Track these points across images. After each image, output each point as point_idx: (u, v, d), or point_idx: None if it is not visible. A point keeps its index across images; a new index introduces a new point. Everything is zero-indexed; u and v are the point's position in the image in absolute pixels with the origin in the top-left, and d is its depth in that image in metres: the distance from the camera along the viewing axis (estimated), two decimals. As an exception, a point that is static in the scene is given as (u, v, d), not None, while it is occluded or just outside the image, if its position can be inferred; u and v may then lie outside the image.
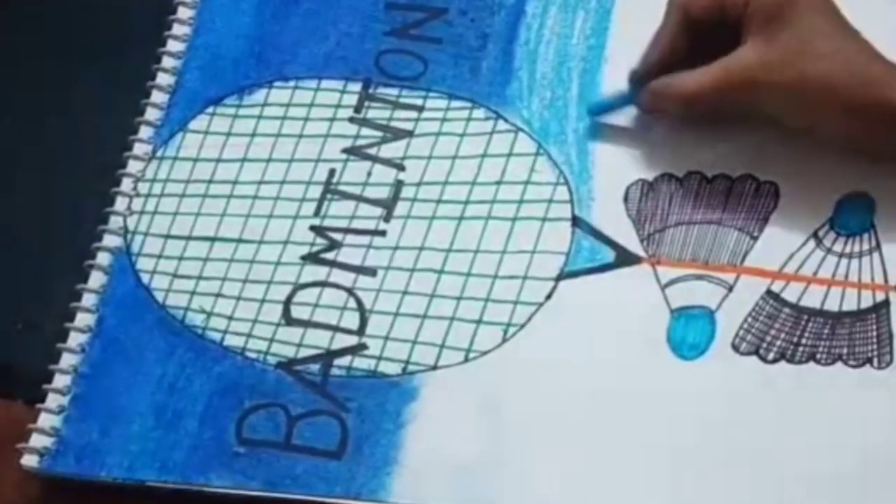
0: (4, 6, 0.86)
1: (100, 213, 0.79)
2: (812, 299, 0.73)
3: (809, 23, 0.72)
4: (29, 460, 0.72)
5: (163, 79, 0.81)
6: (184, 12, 0.83)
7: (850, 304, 0.73)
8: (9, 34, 0.86)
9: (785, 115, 0.74)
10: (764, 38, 0.73)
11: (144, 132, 0.80)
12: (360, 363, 0.74)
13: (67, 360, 0.75)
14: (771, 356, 0.72)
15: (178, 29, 0.83)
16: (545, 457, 0.71)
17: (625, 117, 0.79)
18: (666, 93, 0.76)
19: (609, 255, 0.76)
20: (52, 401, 0.73)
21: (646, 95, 0.77)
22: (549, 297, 0.75)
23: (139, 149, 0.80)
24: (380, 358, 0.74)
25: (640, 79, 0.77)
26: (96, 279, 0.76)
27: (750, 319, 0.73)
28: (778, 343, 0.72)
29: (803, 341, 0.73)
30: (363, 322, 0.75)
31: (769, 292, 0.74)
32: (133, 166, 0.80)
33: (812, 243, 0.75)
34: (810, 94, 0.72)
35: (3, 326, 0.78)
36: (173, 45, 0.82)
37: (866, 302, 0.73)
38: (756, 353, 0.73)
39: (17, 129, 0.83)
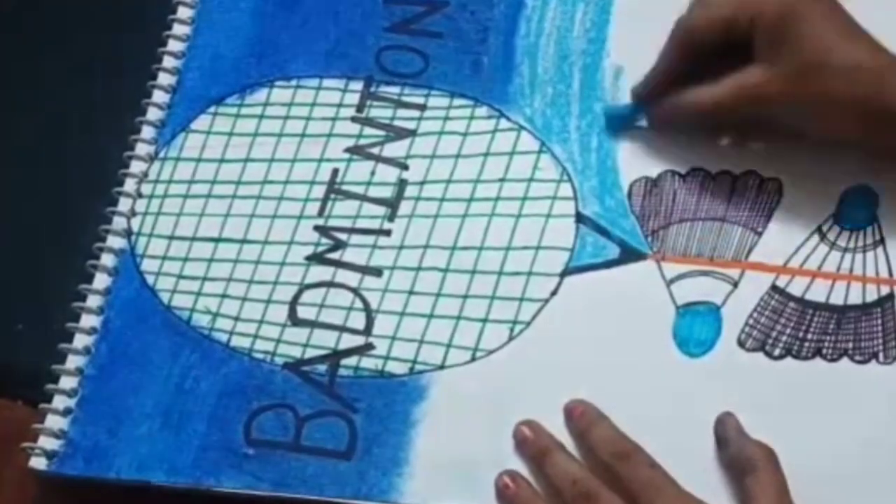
0: (4, 6, 0.86)
1: (101, 213, 0.78)
2: (817, 293, 0.74)
3: (817, 34, 0.72)
4: (37, 462, 0.72)
5: (164, 79, 0.81)
6: (184, 12, 0.83)
7: (855, 298, 0.73)
8: (8, 34, 0.85)
9: (798, 127, 0.74)
10: (773, 54, 0.72)
11: (147, 132, 0.80)
12: (368, 363, 0.74)
13: (73, 362, 0.74)
14: (777, 352, 0.73)
15: (178, 29, 0.83)
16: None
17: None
18: (679, 107, 0.76)
19: (614, 251, 0.76)
20: (59, 403, 0.73)
21: (658, 109, 0.77)
22: (554, 293, 0.75)
23: (142, 149, 0.80)
24: (387, 358, 0.74)
25: (644, 95, 0.77)
26: (101, 281, 0.76)
27: (755, 314, 0.74)
28: (784, 339, 0.73)
29: (809, 336, 0.73)
30: (370, 322, 0.75)
31: (774, 287, 0.74)
32: (136, 167, 0.79)
33: (816, 238, 0.75)
34: (824, 107, 0.72)
35: (4, 327, 0.78)
36: (174, 45, 0.82)
37: (871, 296, 0.73)
38: (762, 349, 0.73)
39: (17, 129, 0.83)
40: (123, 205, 0.78)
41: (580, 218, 0.77)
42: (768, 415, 0.71)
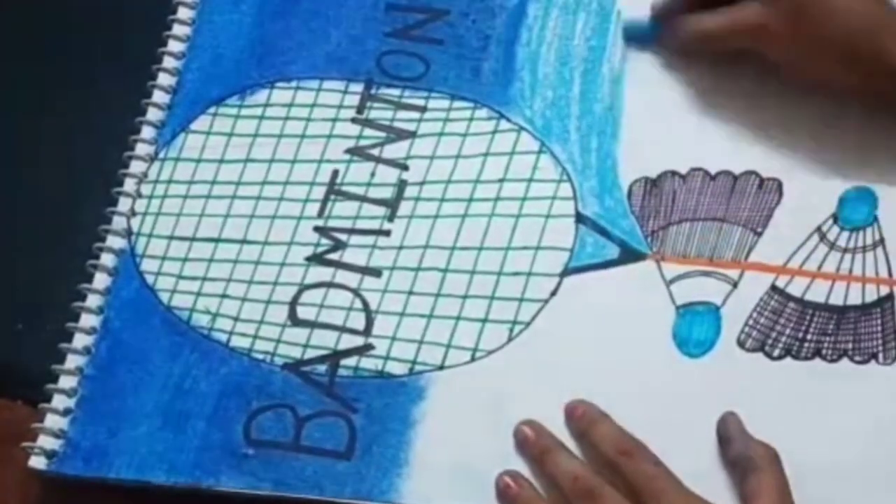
0: (4, 6, 0.86)
1: (100, 213, 0.78)
2: (817, 294, 0.74)
3: None
4: (37, 462, 0.72)
5: (164, 79, 0.81)
6: (184, 12, 0.83)
7: (854, 299, 0.73)
8: (8, 34, 0.85)
9: (793, 67, 0.76)
10: None
11: (147, 133, 0.80)
12: (367, 364, 0.74)
13: (73, 362, 0.74)
14: (777, 352, 0.73)
15: (178, 29, 0.83)
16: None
17: (630, 115, 0.79)
18: (685, 30, 0.79)
19: (614, 252, 0.76)
20: (59, 402, 0.73)
21: (668, 29, 0.80)
22: (553, 293, 0.75)
23: (142, 149, 0.80)
24: (386, 358, 0.74)
25: (660, 13, 0.80)
26: (101, 280, 0.76)
27: (755, 315, 0.74)
28: (783, 339, 0.73)
29: (808, 336, 0.73)
30: (369, 322, 0.75)
31: (774, 287, 0.74)
32: (136, 167, 0.79)
33: (816, 238, 0.75)
34: (818, 48, 0.74)
35: (3, 327, 0.78)
36: (174, 46, 0.82)
37: (871, 296, 0.73)
38: (762, 349, 0.73)
39: (17, 129, 0.83)
40: (123, 205, 0.78)
41: (580, 218, 0.77)
42: (768, 415, 0.71)
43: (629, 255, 0.76)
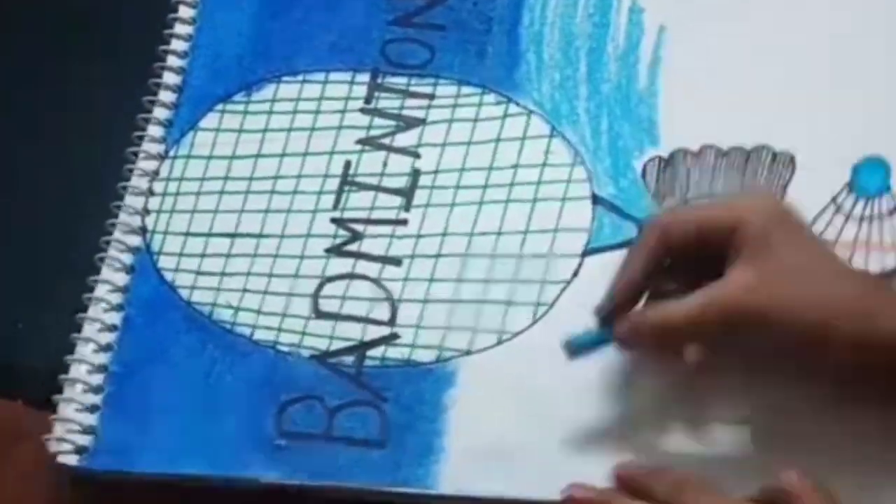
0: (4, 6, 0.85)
1: (101, 212, 0.78)
2: (837, 264, 0.75)
3: (797, 251, 0.67)
4: (67, 458, 0.71)
5: (169, 77, 0.81)
6: (185, 11, 0.83)
7: (875, 266, 0.74)
8: (9, 34, 0.85)
9: (776, 346, 0.68)
10: (753, 268, 0.66)
11: (155, 131, 0.79)
12: (394, 353, 0.73)
13: (96, 359, 0.74)
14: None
15: (180, 28, 0.82)
16: (585, 435, 0.71)
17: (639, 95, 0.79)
18: (648, 324, 0.69)
19: (632, 231, 0.76)
20: (85, 399, 0.72)
21: (625, 328, 0.69)
22: (575, 274, 0.75)
23: (152, 148, 0.79)
24: (413, 346, 0.73)
25: (609, 313, 0.70)
26: (118, 278, 0.75)
27: (775, 289, 0.74)
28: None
29: (830, 305, 0.74)
30: (393, 311, 0.74)
31: (792, 259, 0.75)
32: (146, 165, 0.79)
33: (832, 209, 0.75)
34: (803, 326, 0.66)
35: (4, 326, 0.77)
36: (177, 45, 0.82)
37: (891, 262, 0.74)
38: (788, 319, 0.74)
39: (17, 129, 0.82)
40: (136, 202, 0.78)
41: (596, 199, 0.77)
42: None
43: (648, 234, 0.76)
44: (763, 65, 0.79)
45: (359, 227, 0.77)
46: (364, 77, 0.81)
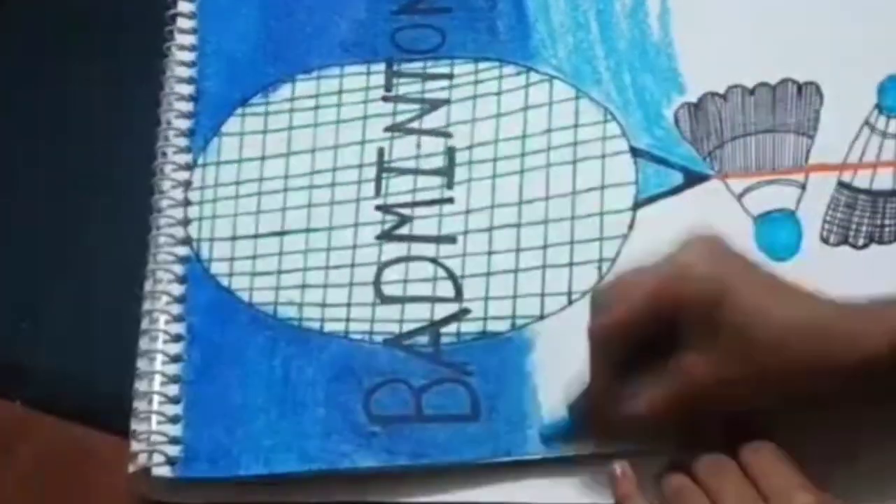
0: (6, 6, 0.83)
1: (103, 211, 0.77)
2: (883, 182, 0.75)
3: (751, 308, 0.64)
4: (162, 470, 0.69)
5: (182, 89, 0.78)
6: (183, 22, 0.81)
7: (923, 181, 0.75)
8: (11, 34, 0.83)
9: (753, 403, 0.66)
10: (707, 340, 0.64)
11: (179, 142, 0.77)
12: (468, 327, 0.72)
13: (170, 370, 0.71)
14: (861, 241, 0.74)
15: (183, 39, 0.80)
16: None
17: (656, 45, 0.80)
18: (626, 418, 0.67)
19: (678, 178, 0.76)
20: (166, 410, 0.70)
21: (599, 426, 0.68)
22: (631, 226, 0.75)
23: (179, 159, 0.77)
24: (485, 318, 0.72)
25: (586, 412, 0.68)
26: (174, 289, 0.73)
27: (830, 212, 0.74)
28: (864, 228, 0.74)
29: (887, 222, 0.74)
30: (458, 288, 0.73)
31: (841, 183, 0.75)
32: (177, 176, 0.76)
33: (867, 131, 0.76)
34: (773, 382, 0.64)
35: (5, 326, 0.75)
36: (183, 55, 0.79)
37: (936, 172, 0.75)
38: (846, 241, 0.74)
39: (17, 129, 0.80)
40: (176, 213, 0.75)
41: (636, 152, 0.77)
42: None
43: (694, 178, 0.76)
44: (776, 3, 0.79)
45: (405, 211, 0.76)
46: (379, 67, 0.80)
